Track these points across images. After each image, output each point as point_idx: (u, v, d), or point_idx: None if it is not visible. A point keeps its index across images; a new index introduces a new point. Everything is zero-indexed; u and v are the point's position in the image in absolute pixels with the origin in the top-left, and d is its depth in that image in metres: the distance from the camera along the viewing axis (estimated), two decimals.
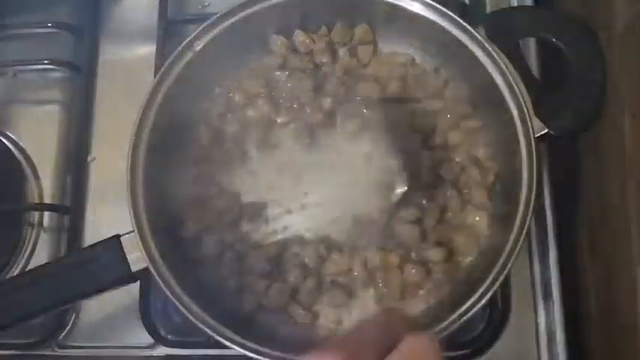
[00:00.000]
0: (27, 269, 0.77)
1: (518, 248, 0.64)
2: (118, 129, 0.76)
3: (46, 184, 0.82)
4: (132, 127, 0.69)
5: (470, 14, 0.72)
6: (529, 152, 0.66)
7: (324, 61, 0.76)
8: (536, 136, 0.67)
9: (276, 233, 0.72)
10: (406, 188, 0.68)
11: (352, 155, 0.72)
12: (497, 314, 0.73)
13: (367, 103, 0.73)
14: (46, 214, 0.80)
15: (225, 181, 0.73)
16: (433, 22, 0.70)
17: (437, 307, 0.70)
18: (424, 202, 0.71)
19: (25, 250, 0.78)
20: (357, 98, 0.73)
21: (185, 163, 0.74)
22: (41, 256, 0.78)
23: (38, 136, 0.84)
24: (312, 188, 0.72)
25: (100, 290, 0.66)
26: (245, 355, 0.63)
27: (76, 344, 0.76)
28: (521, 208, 0.65)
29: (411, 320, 0.51)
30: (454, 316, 0.64)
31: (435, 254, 0.69)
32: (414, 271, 0.69)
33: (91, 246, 0.67)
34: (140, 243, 0.65)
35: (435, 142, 0.73)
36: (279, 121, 0.74)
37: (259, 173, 0.73)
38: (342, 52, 0.77)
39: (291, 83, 0.74)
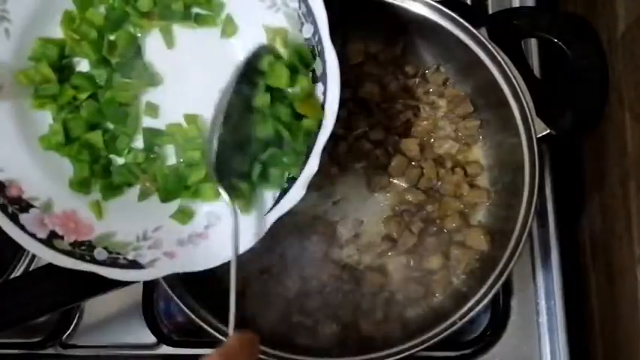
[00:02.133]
0: (30, 269, 0.78)
1: (520, 249, 0.64)
2: None
3: None
4: None
5: (472, 15, 0.72)
6: (531, 152, 0.67)
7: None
8: (538, 136, 0.67)
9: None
10: None
11: None
12: (498, 314, 0.73)
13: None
14: None
15: None
16: (435, 23, 0.71)
17: (439, 307, 0.70)
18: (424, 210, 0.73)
19: (29, 251, 0.78)
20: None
21: None
22: None
23: None
24: None
25: (104, 290, 0.66)
26: None
27: (79, 344, 0.76)
28: (523, 208, 0.66)
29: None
30: (456, 316, 0.64)
31: (433, 263, 0.70)
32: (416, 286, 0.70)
33: None
34: None
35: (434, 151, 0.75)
36: None
37: None
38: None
39: None
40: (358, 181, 0.74)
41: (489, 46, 0.69)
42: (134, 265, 0.58)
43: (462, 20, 0.70)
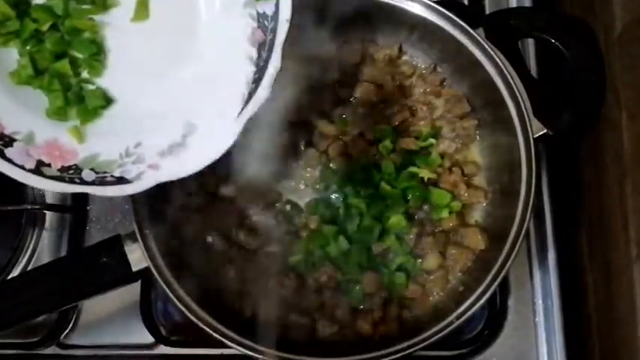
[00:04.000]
0: (28, 269, 0.78)
1: (516, 248, 0.64)
2: None
3: None
4: None
5: (469, 15, 0.72)
6: (528, 153, 0.67)
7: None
8: (535, 136, 0.67)
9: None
10: None
11: None
12: (496, 314, 0.73)
13: None
14: (48, 213, 0.81)
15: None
16: (433, 23, 0.71)
17: (436, 307, 0.70)
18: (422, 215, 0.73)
19: (27, 250, 0.78)
20: None
21: None
22: (43, 256, 0.79)
23: None
24: None
25: (101, 290, 0.66)
26: (245, 354, 0.63)
27: (77, 343, 0.76)
28: (520, 208, 0.66)
29: None
30: (453, 315, 0.64)
31: (430, 262, 0.70)
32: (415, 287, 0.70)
33: (93, 246, 0.68)
34: (141, 243, 0.65)
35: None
36: None
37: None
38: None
39: None
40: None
41: (486, 47, 0.69)
42: (122, 180, 0.59)
43: (459, 20, 0.70)
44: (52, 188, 0.58)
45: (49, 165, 0.59)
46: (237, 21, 0.60)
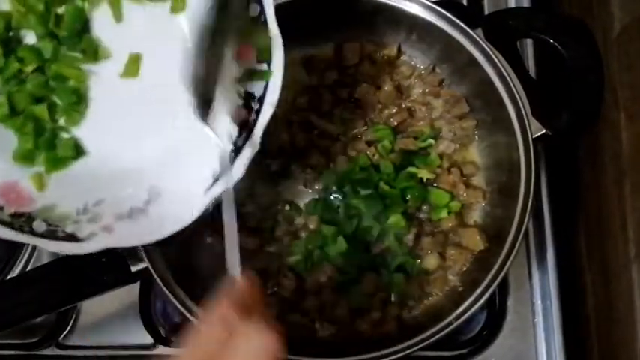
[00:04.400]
0: (28, 269, 0.78)
1: (515, 249, 0.64)
2: None
3: None
4: None
5: (468, 15, 0.72)
6: (527, 153, 0.67)
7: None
8: (533, 137, 0.67)
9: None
10: None
11: None
12: (495, 314, 0.74)
13: None
14: None
15: None
16: (432, 24, 0.71)
17: (435, 307, 0.70)
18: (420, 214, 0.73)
19: (25, 251, 0.78)
20: None
21: None
22: (42, 256, 0.78)
23: None
24: None
25: (101, 290, 0.66)
26: None
27: (76, 344, 0.76)
28: (519, 208, 0.66)
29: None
30: (452, 316, 0.64)
31: (429, 263, 0.71)
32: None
33: None
34: None
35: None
36: None
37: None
38: None
39: None
40: None
41: (485, 47, 0.69)
42: (71, 238, 0.57)
43: (457, 21, 0.70)
44: None
45: (1, 208, 0.58)
46: (224, 95, 0.58)
